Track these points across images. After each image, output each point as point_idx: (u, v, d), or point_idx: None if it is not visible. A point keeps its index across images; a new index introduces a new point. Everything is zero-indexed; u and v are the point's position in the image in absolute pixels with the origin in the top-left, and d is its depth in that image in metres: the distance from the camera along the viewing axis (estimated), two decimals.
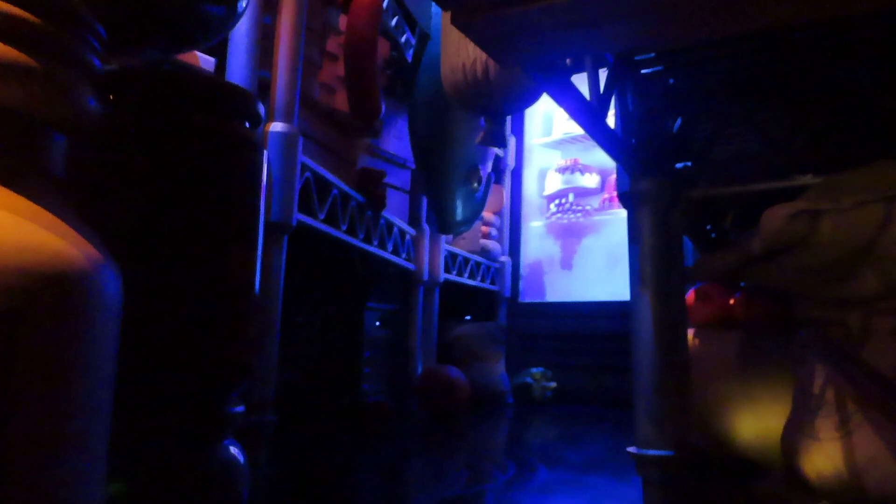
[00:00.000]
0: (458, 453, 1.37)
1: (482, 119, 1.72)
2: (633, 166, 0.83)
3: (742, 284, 1.20)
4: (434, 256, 1.99)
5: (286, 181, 1.09)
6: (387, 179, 1.82)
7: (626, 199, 0.85)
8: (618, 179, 0.92)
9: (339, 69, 1.35)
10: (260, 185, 0.56)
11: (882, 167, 0.74)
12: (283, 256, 1.11)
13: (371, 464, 1.18)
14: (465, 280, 2.24)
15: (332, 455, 1.25)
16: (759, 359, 1.05)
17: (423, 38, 1.64)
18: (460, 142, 1.65)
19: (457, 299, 2.42)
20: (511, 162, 2.55)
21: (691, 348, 1.12)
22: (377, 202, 1.54)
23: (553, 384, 2.24)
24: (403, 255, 1.84)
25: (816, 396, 0.79)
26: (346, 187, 1.39)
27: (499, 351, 2.26)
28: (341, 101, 1.36)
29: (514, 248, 2.57)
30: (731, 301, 1.15)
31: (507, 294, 2.52)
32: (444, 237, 2.03)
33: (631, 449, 0.84)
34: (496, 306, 2.50)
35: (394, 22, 1.70)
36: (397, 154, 1.83)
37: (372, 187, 1.52)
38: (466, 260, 2.25)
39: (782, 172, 0.83)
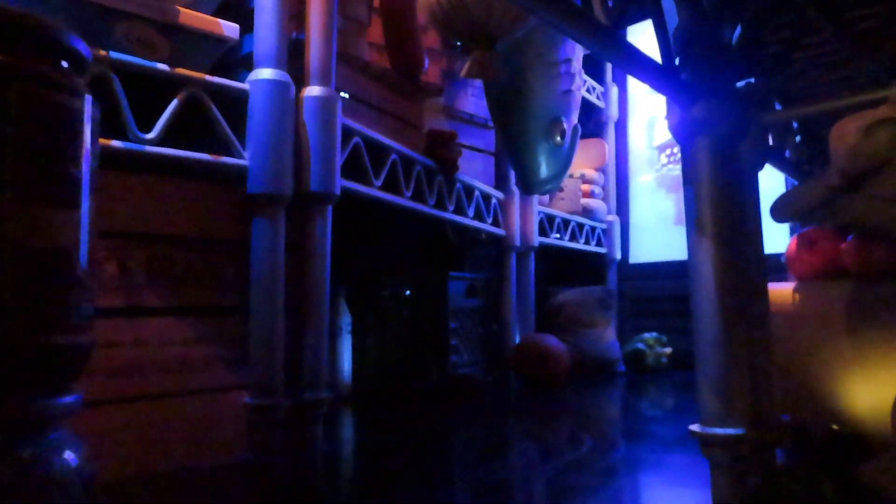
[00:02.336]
0: (534, 428, 1.28)
1: (563, 66, 1.59)
2: (681, 91, 0.69)
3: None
4: (526, 220, 1.88)
5: (325, 147, 1.04)
6: (469, 141, 1.73)
7: (678, 130, 0.71)
8: (667, 110, 0.78)
9: None
10: (76, 133, 0.49)
11: None
12: (328, 227, 1.06)
13: (436, 439, 1.12)
14: (566, 243, 2.11)
15: (400, 434, 1.20)
16: (874, 313, 0.87)
17: None
18: (537, 92, 1.53)
19: (560, 264, 2.29)
20: (614, 113, 2.37)
21: (791, 305, 0.95)
22: (448, 165, 1.46)
23: (668, 350, 2.07)
24: (489, 221, 1.75)
25: None
26: (408, 151, 1.32)
27: (607, 316, 2.11)
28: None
29: (622, 206, 2.39)
30: (841, 247, 0.96)
31: (616, 255, 2.35)
32: (536, 198, 1.91)
33: (694, 427, 0.71)
34: (604, 269, 2.34)
35: None
36: (477, 114, 1.74)
37: (441, 150, 1.44)
38: (566, 222, 2.12)
39: (880, 81, 0.65)
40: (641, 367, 2.06)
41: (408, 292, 1.68)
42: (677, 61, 0.69)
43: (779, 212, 0.72)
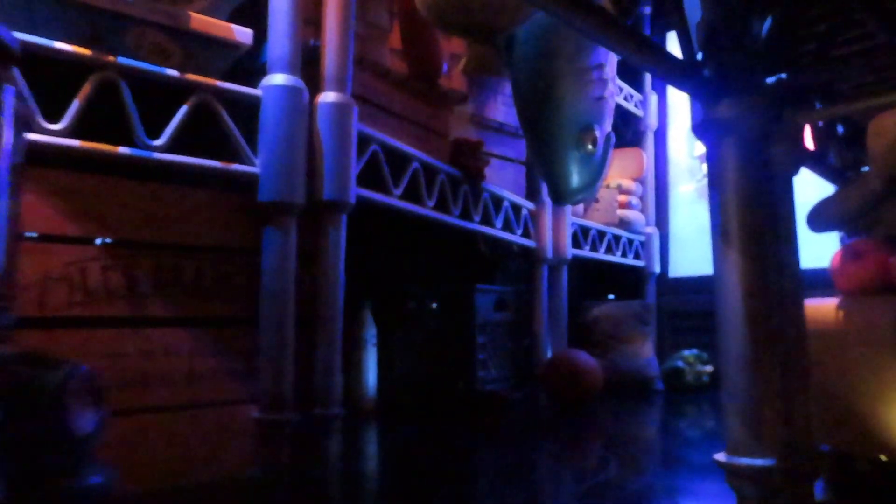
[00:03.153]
0: (559, 449, 1.22)
1: (595, 72, 1.54)
2: (704, 88, 0.63)
3: None
4: (558, 231, 1.82)
5: (340, 155, 1.01)
6: (499, 150, 1.69)
7: (701, 130, 0.66)
8: (691, 109, 0.72)
9: None
10: None
11: None
12: (342, 237, 1.03)
13: (456, 458, 1.07)
14: (602, 256, 2.04)
15: (419, 452, 1.15)
16: None
17: None
18: (568, 99, 1.47)
19: (596, 278, 2.22)
20: (653, 122, 2.29)
21: (835, 322, 0.88)
22: (474, 175, 1.42)
23: (709, 368, 1.97)
24: (519, 232, 1.70)
25: None
26: (430, 159, 1.28)
27: (645, 332, 2.03)
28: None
29: (661, 218, 2.31)
30: (892, 259, 0.89)
31: (655, 269, 2.26)
32: (569, 209, 1.85)
33: (719, 456, 0.65)
34: (643, 283, 2.26)
35: None
36: (507, 123, 1.69)
37: (466, 159, 1.40)
38: (602, 234, 2.05)
39: None
40: (680, 385, 1.97)
41: (434, 305, 1.64)
42: (700, 56, 0.63)
43: (816, 220, 0.65)
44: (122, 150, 0.84)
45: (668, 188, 2.33)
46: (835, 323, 0.85)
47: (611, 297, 2.19)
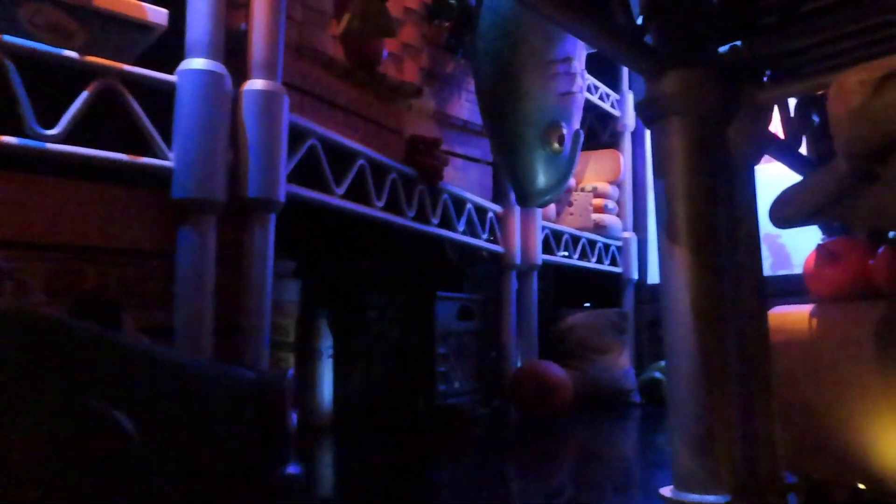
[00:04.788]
0: (517, 470, 1.12)
1: (562, 65, 1.45)
2: (647, 58, 0.54)
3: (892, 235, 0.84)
4: (528, 236, 1.73)
5: (268, 148, 0.92)
6: (463, 150, 1.60)
7: (644, 108, 0.57)
8: (632, 84, 0.63)
9: None
10: None
11: None
12: (270, 238, 0.93)
13: (414, 479, 0.97)
14: (576, 262, 1.95)
15: (378, 470, 1.05)
16: None
17: None
18: (533, 94, 1.38)
19: (571, 285, 2.14)
20: (630, 122, 2.21)
21: (809, 332, 0.79)
22: (431, 174, 1.33)
23: None
24: (485, 236, 1.60)
25: None
26: (379, 157, 1.19)
27: (621, 341, 1.94)
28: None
29: (640, 222, 2.22)
30: (871, 262, 0.80)
31: (633, 276, 2.18)
32: (539, 213, 1.76)
33: (664, 491, 0.55)
34: (619, 290, 2.17)
35: None
36: (472, 121, 1.60)
37: (422, 157, 1.31)
38: (576, 238, 1.96)
39: None
40: (659, 398, 1.88)
41: (393, 314, 1.55)
42: (640, 20, 0.54)
43: (779, 214, 0.56)
44: (8, 139, 0.74)
45: (646, 191, 2.24)
46: (808, 333, 0.76)
47: (586, 305, 2.09)
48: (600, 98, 2.13)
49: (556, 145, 1.44)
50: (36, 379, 0.49)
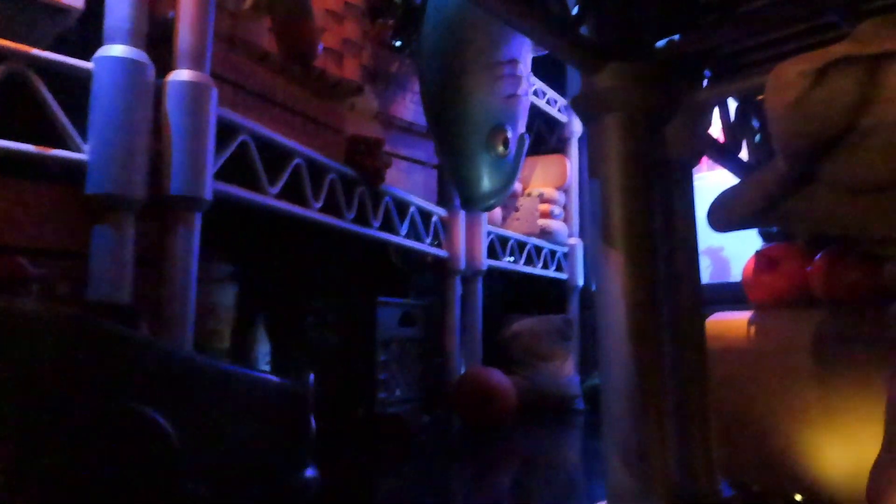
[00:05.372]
0: (456, 481, 1.09)
1: (507, 67, 1.43)
2: (582, 51, 0.52)
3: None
4: (473, 240, 1.70)
5: (193, 143, 0.86)
6: (407, 152, 1.57)
7: (579, 104, 0.54)
8: (569, 78, 0.61)
9: None
10: None
11: None
12: (194, 238, 0.88)
13: (347, 493, 0.93)
14: (521, 267, 1.94)
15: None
16: (848, 351, 0.70)
17: None
18: (477, 96, 1.36)
19: (517, 290, 2.12)
20: (577, 128, 2.21)
21: (747, 339, 0.78)
22: (373, 176, 1.29)
23: None
24: (429, 241, 1.57)
25: None
26: (317, 156, 1.15)
27: (567, 348, 1.93)
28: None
29: (586, 229, 2.22)
30: (809, 268, 0.80)
31: (578, 282, 2.17)
32: (485, 217, 1.74)
33: None
34: (566, 296, 2.16)
35: None
36: (417, 122, 1.57)
37: (363, 158, 1.27)
38: (521, 244, 1.94)
39: (837, 28, 0.49)
40: None
41: (333, 320, 1.50)
42: (576, 10, 0.52)
43: (715, 217, 0.55)
44: None
45: None
46: (746, 340, 0.75)
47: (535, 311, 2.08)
48: (548, 103, 2.12)
49: (500, 148, 1.42)
50: (86, 382, 0.52)
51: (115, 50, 0.81)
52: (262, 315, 1.48)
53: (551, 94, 2.13)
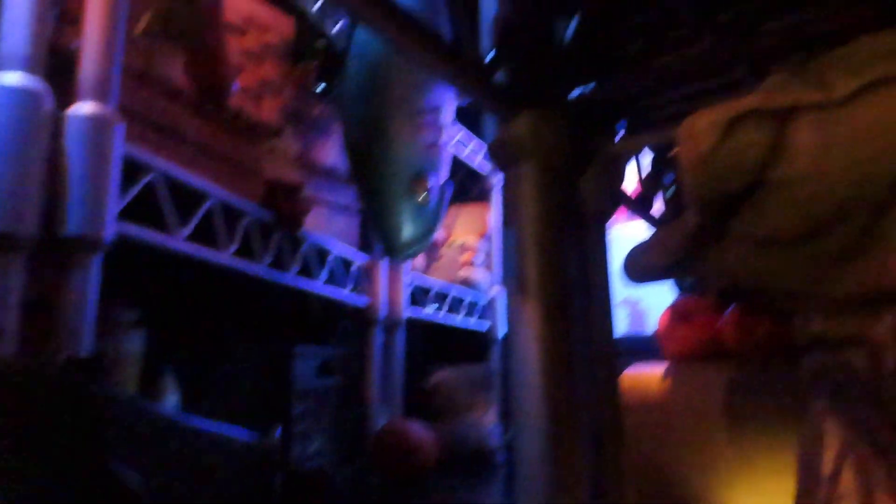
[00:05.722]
0: None
1: (430, 116, 1.44)
2: (497, 97, 0.52)
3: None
4: (395, 289, 1.68)
5: (94, 180, 0.81)
6: (329, 197, 1.54)
7: (494, 152, 0.54)
8: (484, 127, 0.61)
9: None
10: None
11: None
12: (93, 281, 0.82)
13: None
14: (444, 316, 1.92)
15: None
16: (759, 404, 0.71)
17: (354, 22, 1.37)
18: (399, 143, 1.36)
19: (440, 340, 2.09)
20: (499, 178, 2.24)
21: (660, 392, 0.78)
22: (290, 220, 1.25)
23: None
24: (349, 288, 1.53)
25: (825, 473, 0.44)
26: (232, 198, 1.10)
27: (488, 399, 1.91)
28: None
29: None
30: (721, 321, 0.81)
31: (501, 331, 2.17)
32: (407, 265, 1.72)
33: None
34: (488, 346, 2.15)
35: (317, 6, 1.44)
36: (339, 167, 1.55)
37: (282, 202, 1.23)
38: (444, 293, 1.93)
39: (746, 84, 0.50)
40: None
41: (247, 369, 1.43)
42: (490, 57, 0.52)
43: (629, 269, 0.54)
44: None
45: None
46: (659, 394, 0.75)
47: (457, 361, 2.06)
48: (471, 153, 2.15)
49: (422, 196, 1.41)
50: (57, 438, 0.50)
51: (9, 78, 0.76)
52: (171, 364, 1.40)
53: (475, 143, 2.16)
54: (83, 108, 0.82)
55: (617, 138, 0.60)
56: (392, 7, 0.46)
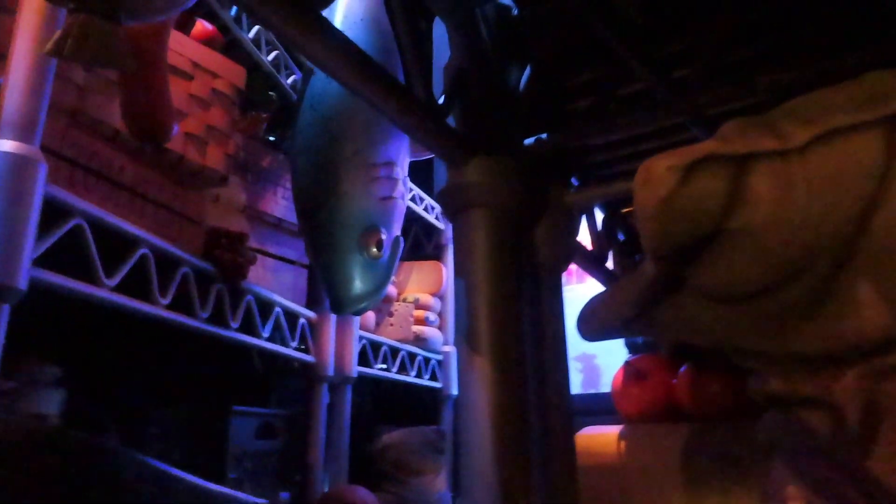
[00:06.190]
0: None
1: (383, 169, 1.41)
2: (448, 141, 0.49)
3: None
4: (343, 346, 1.61)
5: (9, 223, 0.75)
6: (276, 250, 1.49)
7: (445, 198, 0.50)
8: (436, 170, 0.58)
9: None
10: None
11: (871, 80, 0.39)
12: (1, 333, 0.75)
13: None
14: (394, 375, 1.85)
15: None
16: (713, 466, 0.67)
17: (308, 74, 1.35)
18: (352, 196, 1.32)
19: (390, 400, 2.02)
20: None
21: (616, 454, 0.74)
22: (230, 271, 1.19)
23: None
24: (294, 344, 1.46)
25: None
26: (168, 246, 1.04)
27: (439, 462, 1.83)
28: (172, 141, 1.04)
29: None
30: (675, 380, 0.78)
31: (453, 391, 2.11)
32: (356, 321, 1.66)
33: None
34: (439, 406, 2.09)
35: (272, 56, 1.42)
36: (287, 219, 1.50)
37: (223, 252, 1.18)
38: (395, 350, 1.87)
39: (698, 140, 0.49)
40: None
41: (179, 431, 1.34)
42: (442, 100, 0.49)
43: (584, 325, 0.51)
44: None
45: None
46: (615, 456, 0.71)
47: (407, 422, 1.98)
48: (425, 209, 2.13)
49: (374, 250, 1.37)
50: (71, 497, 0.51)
51: None
52: (95, 425, 1.29)
53: (429, 200, 2.14)
54: (1, 145, 0.76)
55: (571, 189, 0.58)
56: (343, 43, 0.43)
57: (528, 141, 0.51)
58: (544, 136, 0.51)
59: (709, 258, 0.36)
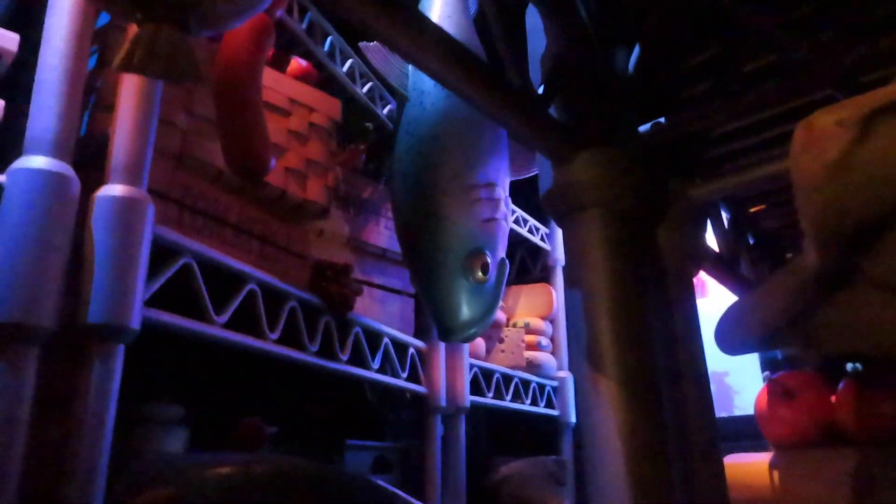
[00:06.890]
0: None
1: (484, 191, 1.37)
2: (552, 135, 0.43)
3: (854, 367, 0.72)
4: (455, 375, 1.57)
5: (121, 264, 0.76)
6: (383, 280, 1.47)
7: (552, 200, 0.45)
8: (540, 174, 0.52)
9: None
10: None
11: None
12: (115, 374, 0.75)
13: None
14: (508, 403, 1.79)
15: None
16: (891, 498, 0.57)
17: (402, 101, 1.34)
18: (453, 220, 1.28)
19: (508, 429, 1.95)
20: (561, 255, 2.14)
21: (768, 486, 0.64)
22: (340, 304, 1.18)
23: None
24: (405, 375, 1.43)
25: None
26: (275, 282, 1.04)
27: (560, 494, 1.74)
28: (273, 176, 1.05)
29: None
30: (833, 398, 0.68)
31: (571, 419, 2.01)
32: (466, 350, 1.62)
33: None
34: (558, 435, 1.99)
35: (366, 88, 1.42)
36: (392, 249, 1.49)
37: (329, 285, 1.17)
38: (508, 378, 1.81)
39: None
40: None
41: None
42: (542, 89, 0.44)
43: (726, 337, 0.43)
44: None
45: None
46: (767, 487, 0.62)
47: (524, 452, 1.90)
48: (530, 231, 2.07)
49: (479, 274, 1.32)
50: None
51: (35, 162, 0.73)
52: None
53: (533, 222, 2.08)
54: (111, 190, 0.78)
55: (694, 180, 0.51)
56: (435, 34, 0.39)
57: (643, 128, 0.45)
58: (660, 122, 0.44)
59: (892, 241, 0.28)
